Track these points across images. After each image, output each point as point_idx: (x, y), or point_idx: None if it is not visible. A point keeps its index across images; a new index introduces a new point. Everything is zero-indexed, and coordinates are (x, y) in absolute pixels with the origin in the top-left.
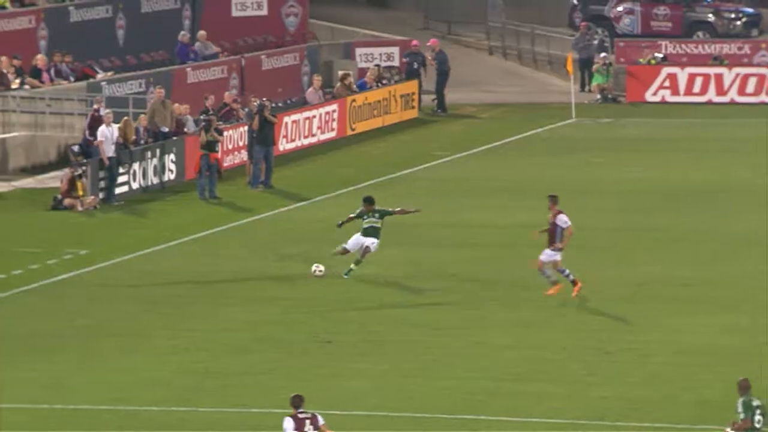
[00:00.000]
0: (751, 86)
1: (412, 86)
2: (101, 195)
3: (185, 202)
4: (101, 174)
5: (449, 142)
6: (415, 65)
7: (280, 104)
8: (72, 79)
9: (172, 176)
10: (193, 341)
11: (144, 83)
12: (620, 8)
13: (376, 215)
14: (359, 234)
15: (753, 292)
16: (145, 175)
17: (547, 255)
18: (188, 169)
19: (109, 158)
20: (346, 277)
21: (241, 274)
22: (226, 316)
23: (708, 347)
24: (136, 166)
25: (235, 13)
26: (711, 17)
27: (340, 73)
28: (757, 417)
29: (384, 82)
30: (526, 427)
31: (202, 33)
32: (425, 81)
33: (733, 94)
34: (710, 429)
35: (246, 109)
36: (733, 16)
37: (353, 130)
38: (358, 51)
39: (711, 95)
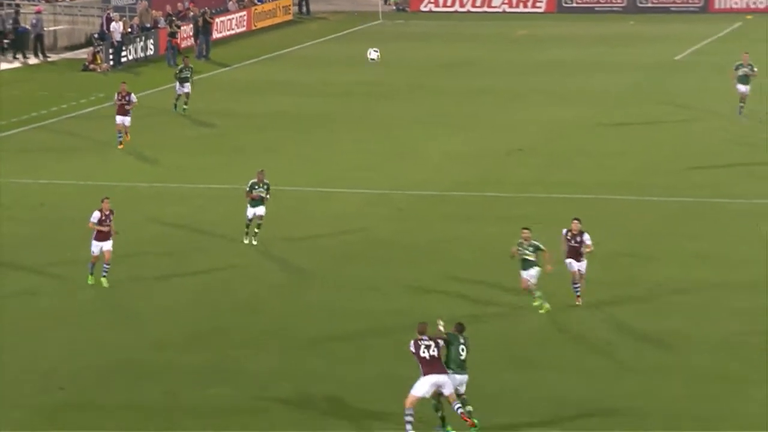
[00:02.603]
0: None
1: (289, 0)
2: (111, 63)
3: (159, 67)
4: (111, 51)
5: (312, 33)
6: None
7: (213, 11)
8: None
9: (151, 52)
10: (167, 146)
11: None
12: None
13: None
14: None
15: (482, 121)
16: (136, 51)
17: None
18: (161, 48)
19: (118, 41)
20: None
21: (192, 109)
22: (189, 129)
23: (453, 153)
24: (131, 46)
25: None
26: None
27: None
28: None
29: None
30: (358, 195)
31: None
32: None
33: (468, 6)
34: (431, 194)
35: (192, 14)
36: None
37: (256, 26)
38: None
39: (457, 7)
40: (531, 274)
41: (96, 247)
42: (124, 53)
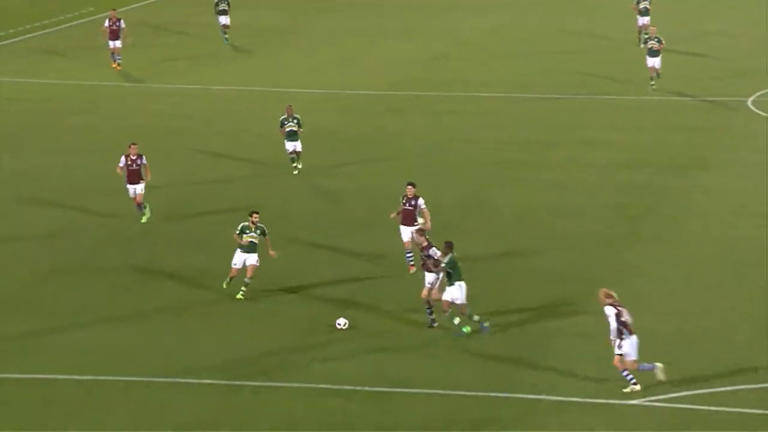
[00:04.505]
0: None
1: None
2: None
3: None
4: None
5: None
6: None
7: None
8: None
9: None
10: (148, 53)
11: None
12: None
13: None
14: None
15: (411, 31)
16: None
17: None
18: None
19: None
20: None
21: (168, 20)
22: (166, 37)
23: (388, 59)
24: None
25: None
26: None
27: None
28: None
29: None
30: (308, 94)
31: None
32: None
33: None
34: (369, 93)
35: None
36: None
37: None
38: None
39: None
40: (252, 260)
41: (131, 189)
42: None
